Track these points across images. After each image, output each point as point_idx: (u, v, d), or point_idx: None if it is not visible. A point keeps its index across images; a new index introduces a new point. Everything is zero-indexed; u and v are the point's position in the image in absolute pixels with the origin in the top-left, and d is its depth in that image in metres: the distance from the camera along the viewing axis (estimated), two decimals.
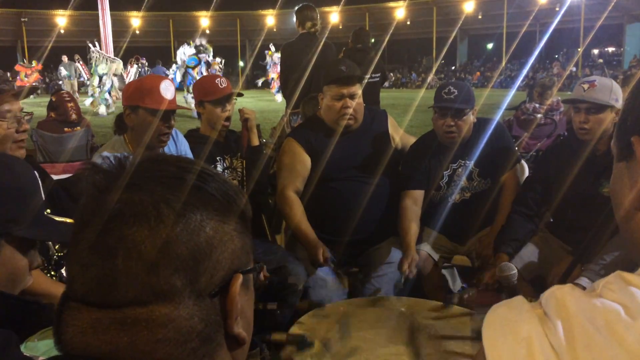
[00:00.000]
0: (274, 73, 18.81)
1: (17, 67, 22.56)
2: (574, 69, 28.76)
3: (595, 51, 33.66)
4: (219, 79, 2.73)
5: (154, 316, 0.55)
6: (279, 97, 18.12)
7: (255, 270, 0.66)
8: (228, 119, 2.72)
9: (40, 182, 1.05)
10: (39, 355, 1.24)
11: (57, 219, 1.06)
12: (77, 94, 16.23)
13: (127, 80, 22.86)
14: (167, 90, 2.26)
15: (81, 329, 0.56)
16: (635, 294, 0.52)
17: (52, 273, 1.84)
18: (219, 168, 2.72)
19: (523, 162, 2.88)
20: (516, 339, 0.53)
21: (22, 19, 34.79)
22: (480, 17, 35.78)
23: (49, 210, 1.19)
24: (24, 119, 1.83)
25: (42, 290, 1.56)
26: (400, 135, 2.85)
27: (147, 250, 0.55)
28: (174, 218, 0.56)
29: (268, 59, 19.20)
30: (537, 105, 4.92)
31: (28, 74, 21.12)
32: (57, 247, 1.81)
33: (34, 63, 22.56)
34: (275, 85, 19.12)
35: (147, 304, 0.55)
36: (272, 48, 19.06)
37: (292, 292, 2.47)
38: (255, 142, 2.77)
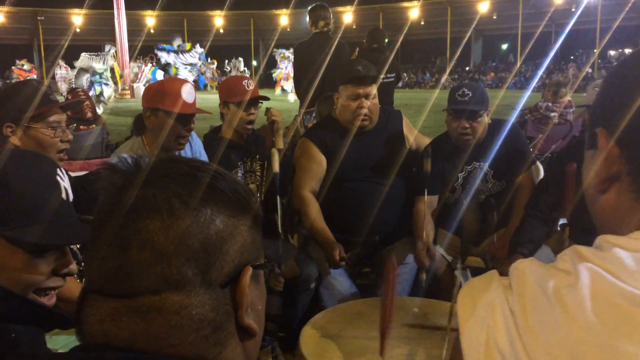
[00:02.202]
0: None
1: (15, 71, 22.43)
2: (590, 70, 28.48)
3: (612, 52, 33.31)
4: (246, 80, 2.67)
5: (167, 304, 0.58)
6: (291, 97, 18.06)
7: (266, 267, 0.68)
8: (251, 122, 2.67)
9: (59, 182, 1.03)
10: (58, 349, 1.26)
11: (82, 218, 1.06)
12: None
13: (141, 79, 22.96)
14: (188, 93, 2.24)
15: (99, 318, 0.58)
16: (579, 264, 0.58)
17: (78, 281, 1.87)
18: (239, 173, 2.70)
19: (538, 163, 2.85)
20: (482, 304, 0.61)
21: (39, 18, 35.20)
22: (495, 17, 35.57)
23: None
24: (68, 129, 1.91)
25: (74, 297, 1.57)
26: (414, 135, 2.84)
27: (160, 241, 0.58)
28: (186, 211, 0.59)
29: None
30: (550, 104, 4.88)
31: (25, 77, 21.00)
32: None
33: (27, 66, 22.35)
34: (279, 86, 19.09)
35: (160, 292, 0.58)
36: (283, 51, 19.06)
37: (303, 291, 2.48)
38: (280, 144, 2.75)
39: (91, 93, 13.79)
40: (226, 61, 26.37)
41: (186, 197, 0.59)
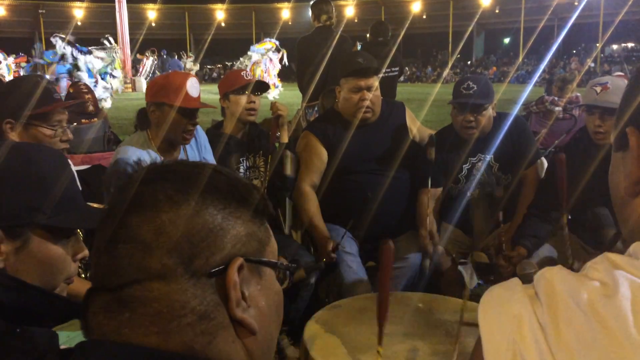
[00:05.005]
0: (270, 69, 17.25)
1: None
2: (593, 64, 28.38)
3: (615, 47, 33.20)
4: (244, 72, 2.73)
5: (147, 292, 0.59)
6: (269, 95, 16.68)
7: (275, 265, 0.68)
8: (253, 109, 2.67)
9: (72, 168, 1.05)
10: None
11: (95, 206, 1.07)
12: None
13: (142, 73, 22.83)
14: (193, 87, 2.23)
15: (95, 312, 0.61)
16: (616, 273, 0.54)
17: (83, 275, 1.87)
18: (242, 169, 2.70)
19: (543, 158, 2.83)
20: (507, 317, 0.56)
21: (40, 11, 35.14)
22: (497, 11, 35.46)
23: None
24: (68, 129, 1.91)
25: (77, 292, 1.57)
26: (417, 127, 2.83)
27: (141, 233, 0.60)
28: (169, 205, 0.61)
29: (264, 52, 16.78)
30: (555, 98, 4.86)
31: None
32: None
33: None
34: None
35: (142, 282, 0.60)
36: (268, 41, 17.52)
37: (304, 285, 2.47)
38: (285, 139, 2.74)
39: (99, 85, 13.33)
40: (232, 64, 25.75)
41: (170, 191, 0.62)
